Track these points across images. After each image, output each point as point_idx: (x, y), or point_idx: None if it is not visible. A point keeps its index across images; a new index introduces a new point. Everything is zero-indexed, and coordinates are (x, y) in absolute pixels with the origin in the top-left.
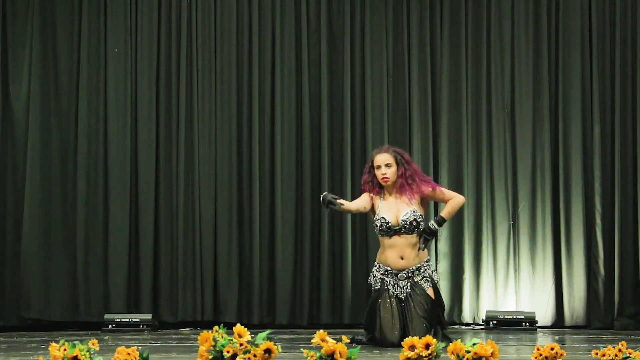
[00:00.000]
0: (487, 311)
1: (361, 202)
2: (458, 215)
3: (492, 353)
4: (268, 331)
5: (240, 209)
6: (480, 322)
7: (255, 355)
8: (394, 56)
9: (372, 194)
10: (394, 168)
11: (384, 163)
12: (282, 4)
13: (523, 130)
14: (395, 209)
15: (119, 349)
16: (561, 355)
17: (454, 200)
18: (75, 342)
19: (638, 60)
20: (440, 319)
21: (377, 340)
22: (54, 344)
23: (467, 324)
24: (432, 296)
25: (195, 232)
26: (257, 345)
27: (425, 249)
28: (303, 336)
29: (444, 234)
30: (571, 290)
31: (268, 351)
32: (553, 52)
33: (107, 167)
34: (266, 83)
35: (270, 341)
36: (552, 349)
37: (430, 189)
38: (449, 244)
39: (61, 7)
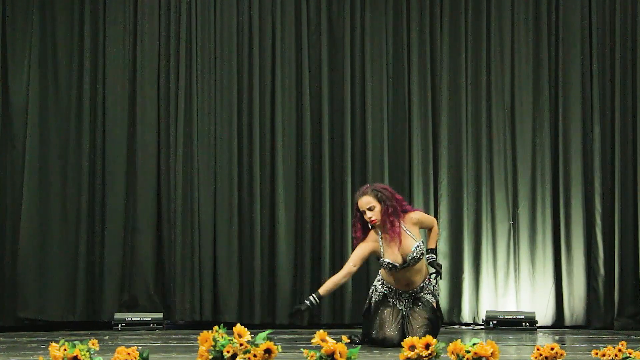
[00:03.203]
0: (487, 311)
1: (358, 257)
2: (458, 215)
3: (492, 353)
4: (268, 331)
5: (240, 208)
6: (480, 322)
7: (255, 355)
8: (394, 56)
9: (370, 241)
10: (377, 207)
11: (367, 207)
12: (282, 4)
13: (523, 130)
14: (396, 247)
15: (119, 349)
16: (561, 355)
17: (435, 230)
18: (75, 342)
19: (638, 60)
20: (437, 326)
21: (376, 340)
22: (54, 344)
23: (467, 324)
24: (434, 305)
25: (194, 232)
26: (257, 345)
27: (425, 269)
28: (303, 336)
29: (443, 234)
30: (571, 290)
31: (268, 351)
32: (553, 51)
33: (106, 167)
34: (266, 82)
35: (270, 341)
36: (552, 349)
37: (417, 218)
38: (449, 244)
39: (61, 6)
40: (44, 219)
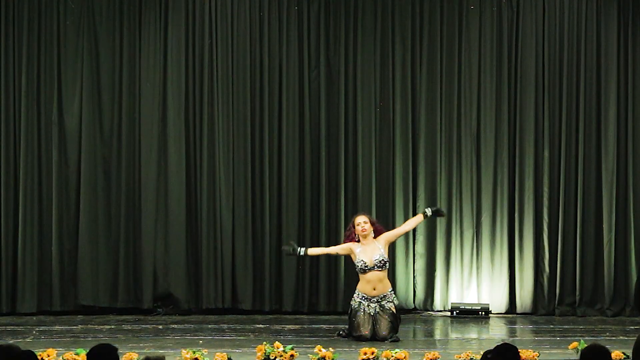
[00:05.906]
0: (452, 303)
1: (341, 248)
2: (432, 222)
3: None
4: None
5: (253, 219)
6: (448, 310)
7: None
8: (380, 89)
9: (352, 245)
10: (369, 224)
11: (363, 220)
12: (288, 45)
13: (486, 153)
14: (369, 254)
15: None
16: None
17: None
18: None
19: (581, 96)
20: (397, 326)
21: (354, 336)
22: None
23: (438, 311)
24: (394, 311)
25: (216, 235)
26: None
27: (388, 282)
28: (305, 325)
29: (420, 238)
30: (522, 285)
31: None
32: (513, 87)
33: (142, 180)
34: (274, 111)
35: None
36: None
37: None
38: (424, 246)
39: (104, 49)
40: (94, 224)
